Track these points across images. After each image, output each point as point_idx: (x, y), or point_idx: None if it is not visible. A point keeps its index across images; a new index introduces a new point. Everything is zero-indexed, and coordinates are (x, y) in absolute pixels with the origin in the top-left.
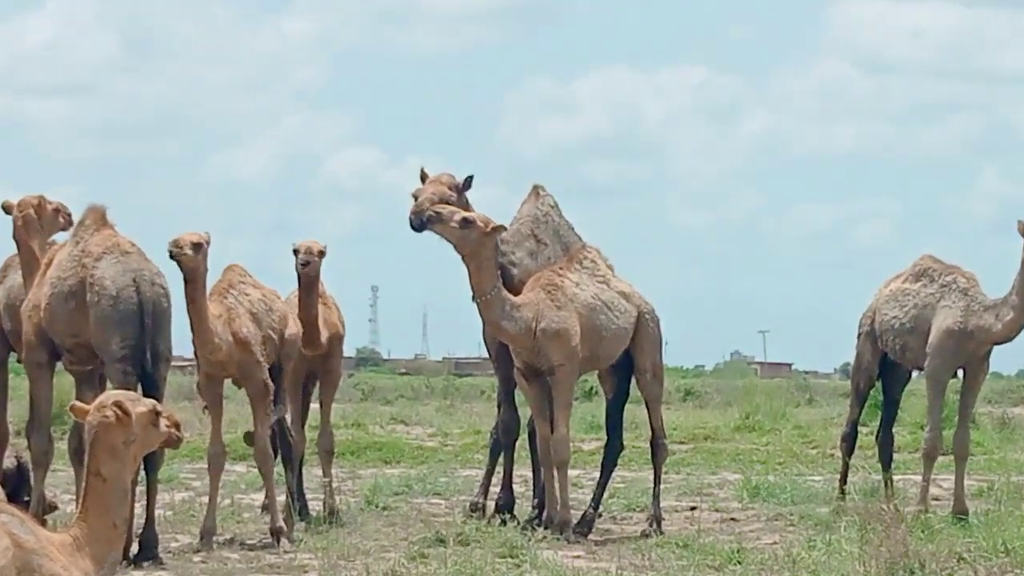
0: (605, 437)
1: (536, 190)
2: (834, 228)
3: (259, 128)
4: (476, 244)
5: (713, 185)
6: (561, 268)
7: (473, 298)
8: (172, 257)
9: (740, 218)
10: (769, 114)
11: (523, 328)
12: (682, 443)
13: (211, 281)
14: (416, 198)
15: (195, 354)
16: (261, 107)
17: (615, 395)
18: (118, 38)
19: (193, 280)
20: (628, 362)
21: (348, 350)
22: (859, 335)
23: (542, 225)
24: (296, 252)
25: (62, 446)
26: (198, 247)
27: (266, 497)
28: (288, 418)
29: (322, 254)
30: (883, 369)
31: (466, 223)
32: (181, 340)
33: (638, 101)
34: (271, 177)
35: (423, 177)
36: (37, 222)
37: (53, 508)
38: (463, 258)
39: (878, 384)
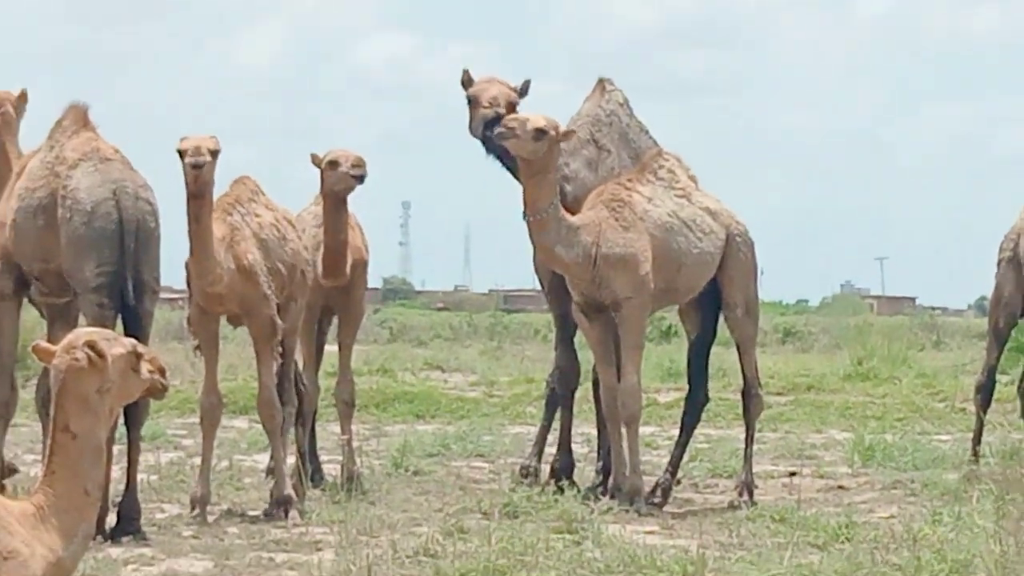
0: (686, 387)
1: (601, 84)
2: (971, 132)
3: (266, 8)
4: (546, 156)
5: (823, 81)
6: (630, 180)
7: (524, 216)
8: (192, 166)
9: (856, 121)
10: None
11: (581, 254)
12: (780, 394)
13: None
14: (473, 101)
15: (187, 283)
16: None
17: (699, 336)
18: None
19: (202, 195)
20: (715, 295)
21: (373, 280)
22: (999, 262)
23: (605, 128)
24: (334, 164)
25: (27, 396)
26: (215, 155)
27: (271, 459)
28: (299, 363)
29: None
30: None
31: (541, 135)
32: (170, 268)
33: None
34: (281, 69)
35: (467, 81)
36: (15, 122)
37: (13, 471)
38: (524, 171)
39: (1021, 323)
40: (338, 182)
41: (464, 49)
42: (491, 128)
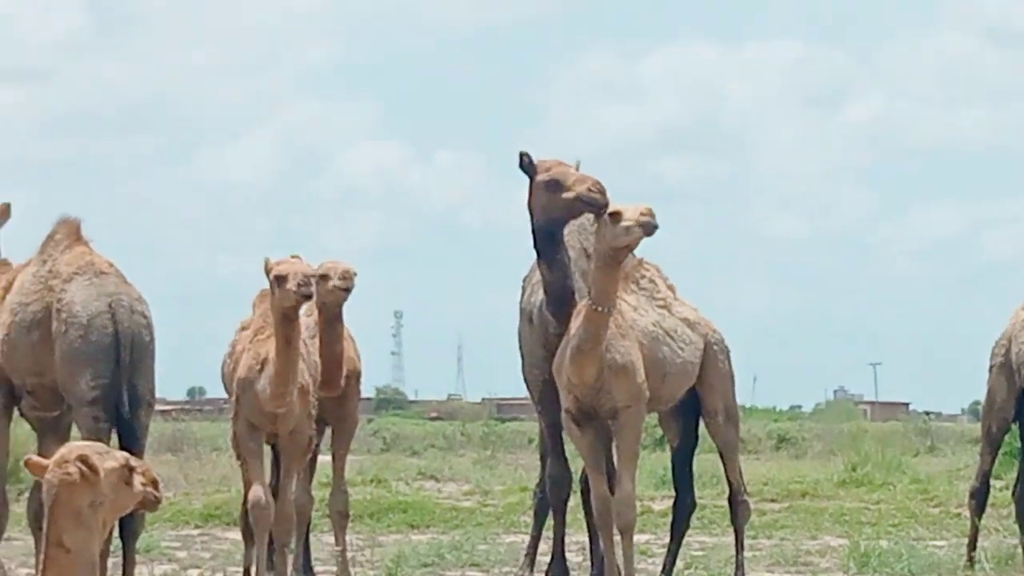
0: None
1: None
2: (962, 237)
3: (256, 119)
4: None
5: (812, 186)
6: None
7: (594, 305)
8: (342, 289)
9: (846, 226)
10: (881, 98)
11: (601, 359)
12: (774, 501)
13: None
14: (558, 184)
15: (236, 399)
16: (259, 94)
17: (681, 443)
18: (83, 12)
19: (296, 320)
20: (694, 403)
21: (366, 390)
22: (991, 368)
23: (591, 236)
24: (324, 278)
25: (19, 509)
26: None
27: (274, 572)
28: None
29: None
30: (1021, 409)
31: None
32: (164, 380)
33: (719, 83)
34: (271, 179)
35: (528, 164)
36: None
37: None
38: (614, 263)
39: (1014, 428)
40: (328, 295)
41: (453, 157)
42: (592, 207)
